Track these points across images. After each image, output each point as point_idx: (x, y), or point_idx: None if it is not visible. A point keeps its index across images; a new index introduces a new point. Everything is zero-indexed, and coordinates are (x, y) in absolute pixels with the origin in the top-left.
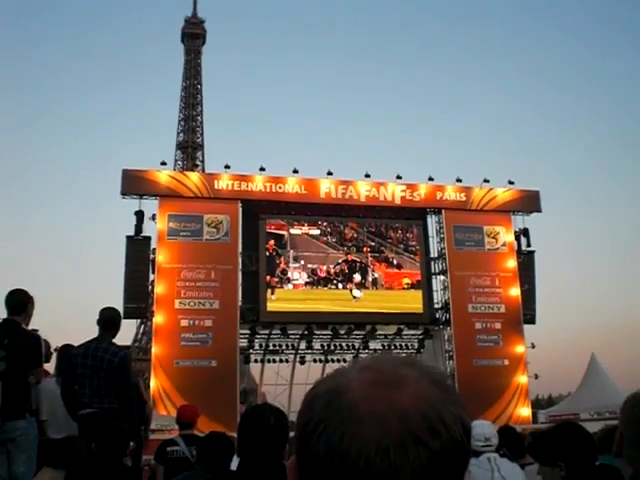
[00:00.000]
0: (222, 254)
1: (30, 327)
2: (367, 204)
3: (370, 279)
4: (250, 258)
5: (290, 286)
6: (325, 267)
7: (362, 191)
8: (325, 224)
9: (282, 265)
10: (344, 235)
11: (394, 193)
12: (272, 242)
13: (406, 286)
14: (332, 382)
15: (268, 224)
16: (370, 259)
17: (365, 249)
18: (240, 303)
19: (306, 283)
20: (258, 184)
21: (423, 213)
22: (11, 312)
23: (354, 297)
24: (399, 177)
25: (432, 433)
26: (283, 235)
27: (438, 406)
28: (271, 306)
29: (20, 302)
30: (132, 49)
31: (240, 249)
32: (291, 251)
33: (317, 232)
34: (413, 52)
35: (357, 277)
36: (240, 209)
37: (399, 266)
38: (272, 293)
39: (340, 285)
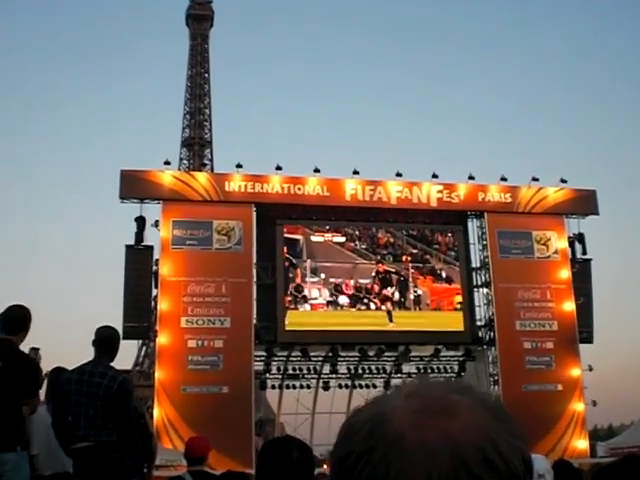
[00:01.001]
0: (234, 265)
1: (28, 345)
2: (398, 207)
3: (411, 297)
4: (266, 269)
5: (307, 307)
6: (353, 282)
7: (393, 192)
8: (352, 228)
9: (297, 279)
10: (377, 240)
11: (429, 194)
12: (284, 249)
13: (458, 306)
14: (373, 410)
15: (286, 230)
16: (411, 271)
17: (404, 258)
18: (255, 321)
19: (328, 303)
20: (274, 185)
21: (463, 217)
22: (7, 330)
23: (391, 321)
24: (435, 176)
25: (488, 466)
26: (298, 240)
27: (494, 437)
28: (290, 324)
29: (19, 320)
30: (129, 34)
31: (255, 259)
32: (308, 261)
33: (342, 240)
34: (445, 30)
35: (393, 293)
36: (254, 214)
37: (449, 280)
38: (284, 316)
39: (373, 305)
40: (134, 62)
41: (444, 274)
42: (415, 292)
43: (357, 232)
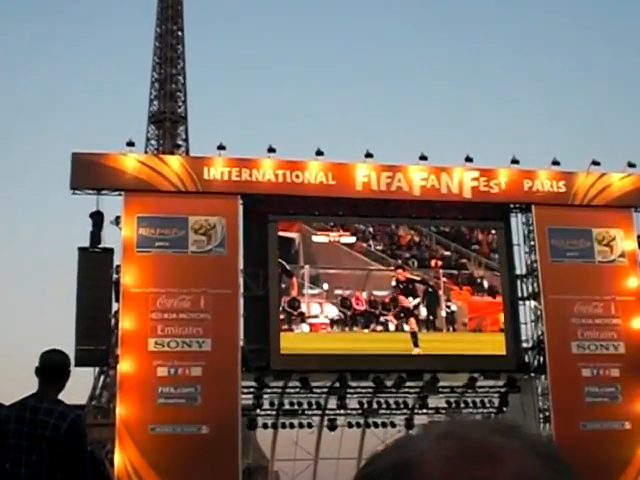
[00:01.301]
0: (216, 273)
1: None
2: (423, 199)
3: (443, 314)
4: (256, 278)
5: (304, 328)
6: (366, 294)
7: (416, 180)
8: (364, 225)
9: (292, 292)
10: (398, 239)
11: (462, 182)
12: (276, 253)
13: (504, 326)
14: (397, 455)
15: (281, 228)
16: (443, 280)
17: (434, 262)
18: (242, 343)
19: (333, 322)
20: (266, 172)
21: (504, 211)
22: None
23: (417, 346)
24: (469, 159)
25: None
26: (292, 240)
27: None
28: (287, 347)
29: None
30: None
31: (241, 265)
32: (306, 267)
33: (352, 240)
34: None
35: (419, 307)
36: (241, 208)
37: (493, 291)
38: (279, 336)
39: (392, 325)
40: (87, 16)
41: (486, 283)
42: (448, 308)
43: (371, 229)
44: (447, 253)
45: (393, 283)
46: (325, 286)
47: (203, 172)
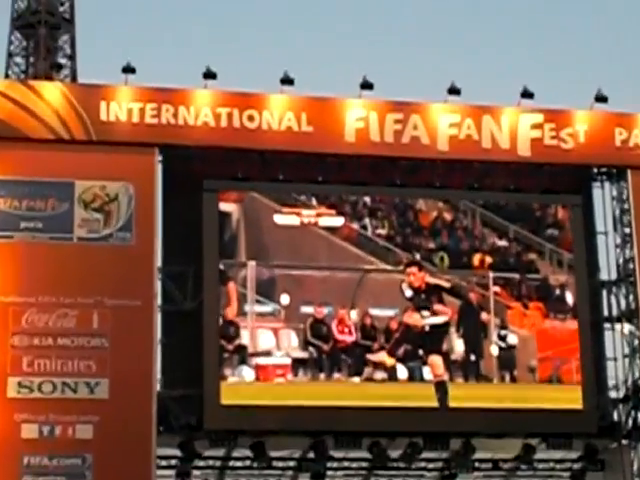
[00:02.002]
0: (118, 273)
1: None
2: (452, 157)
3: (494, 351)
4: (182, 281)
5: (247, 372)
6: (357, 314)
7: (441, 126)
8: (358, 196)
9: (228, 309)
10: (415, 217)
11: (516, 131)
12: (216, 240)
13: (581, 363)
14: None
15: (222, 199)
16: (495, 290)
17: (478, 259)
18: (159, 386)
19: (297, 364)
20: (201, 110)
21: (583, 178)
22: None
23: (442, 404)
24: (528, 95)
25: None
26: (227, 217)
27: None
28: (231, 393)
29: None
30: None
31: (159, 261)
32: (251, 266)
33: (338, 222)
34: None
35: (453, 342)
36: (160, 169)
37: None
38: (214, 379)
39: (402, 370)
40: None
41: (570, 298)
42: (503, 340)
43: (367, 200)
44: (502, 243)
45: (408, 293)
46: (284, 299)
47: (99, 110)
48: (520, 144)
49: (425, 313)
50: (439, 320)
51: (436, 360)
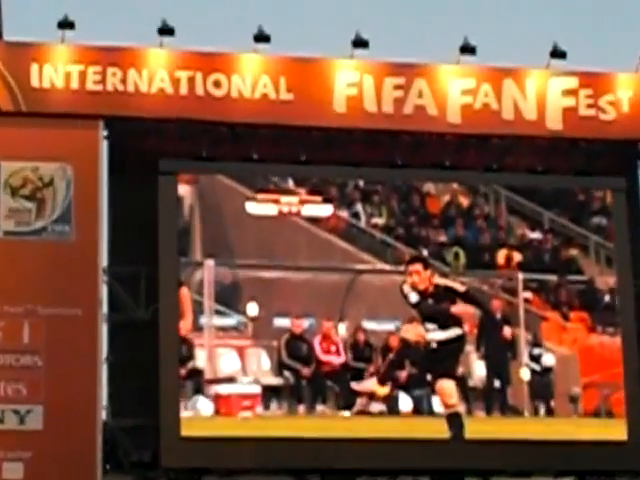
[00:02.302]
0: (54, 274)
1: None
2: (466, 131)
3: (525, 375)
4: (133, 285)
5: (204, 405)
6: (346, 328)
7: (452, 93)
8: (349, 179)
9: (182, 323)
10: (422, 203)
11: (544, 98)
12: (173, 233)
13: (625, 385)
14: None
15: (181, 181)
16: (525, 296)
17: (503, 256)
18: (105, 415)
19: (269, 393)
20: (155, 73)
21: (627, 156)
22: None
23: (458, 435)
24: (559, 54)
25: None
26: (180, 201)
27: None
28: (194, 423)
29: None
30: None
31: (105, 260)
32: (208, 265)
33: (326, 211)
34: None
35: (471, 364)
36: (105, 146)
37: None
38: (173, 406)
39: (404, 400)
40: None
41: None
42: (536, 360)
43: (361, 183)
44: (534, 235)
45: (413, 297)
46: (252, 309)
47: (29, 74)
48: (550, 115)
49: (430, 326)
50: (449, 334)
51: (447, 386)
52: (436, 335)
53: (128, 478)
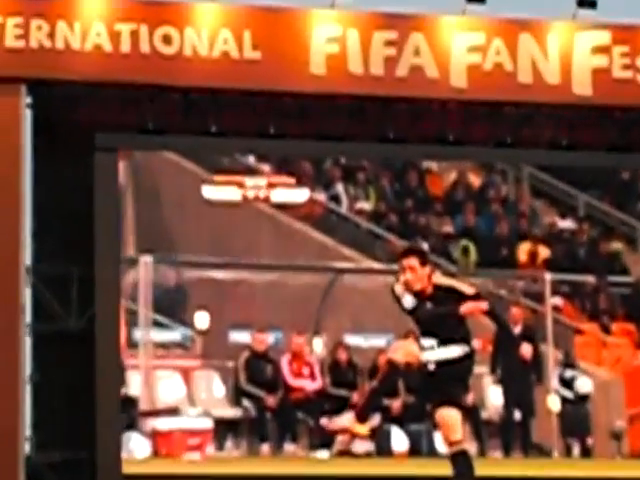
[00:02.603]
0: None
1: None
2: (474, 97)
3: (554, 404)
4: (64, 288)
5: (141, 445)
6: (323, 345)
7: (456, 51)
8: (329, 158)
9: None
10: (422, 183)
11: (568, 56)
12: (114, 223)
13: None
14: None
15: (122, 157)
16: (553, 302)
17: (526, 250)
18: (29, 448)
19: (222, 426)
20: (89, 28)
21: None
22: None
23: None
24: (587, 2)
25: None
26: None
27: None
28: (131, 463)
29: None
30: None
31: (28, 258)
32: (146, 262)
33: (301, 194)
34: None
35: (484, 390)
36: (28, 114)
37: None
38: (113, 434)
39: (399, 439)
40: None
41: None
42: (567, 385)
43: (343, 161)
44: (566, 224)
45: (407, 301)
46: (202, 320)
47: None
48: (576, 77)
49: (427, 342)
50: (452, 353)
51: (449, 416)
52: (434, 354)
53: None
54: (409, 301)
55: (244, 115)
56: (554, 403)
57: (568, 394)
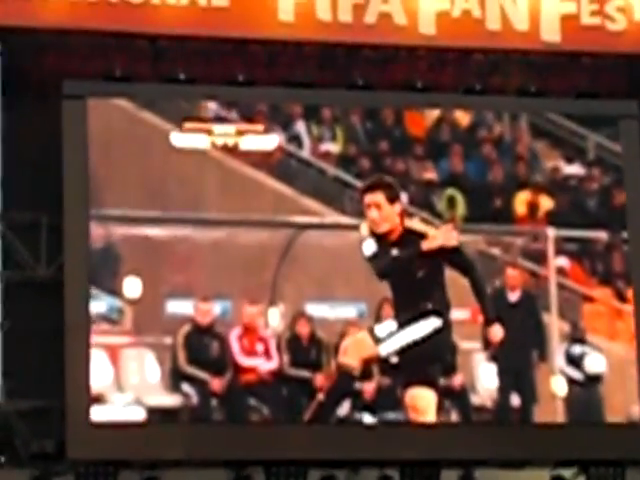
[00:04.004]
0: None
1: None
2: (442, 44)
3: (560, 388)
4: (33, 235)
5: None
6: (281, 316)
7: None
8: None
9: None
10: (399, 121)
11: (538, 3)
12: (83, 171)
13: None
14: None
15: (93, 107)
16: (558, 264)
17: (525, 203)
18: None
19: (158, 415)
20: None
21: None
22: None
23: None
24: None
25: None
26: None
27: None
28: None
29: None
30: None
31: None
32: None
33: (271, 141)
34: None
35: (474, 370)
36: None
37: None
38: (82, 382)
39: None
40: None
41: None
42: (576, 363)
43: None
44: (573, 170)
45: (366, 247)
46: (132, 287)
47: None
48: (545, 24)
49: (384, 330)
50: (416, 333)
51: (420, 396)
52: (394, 343)
53: (27, 473)
54: (369, 246)
55: (212, 62)
56: (560, 385)
57: (576, 374)
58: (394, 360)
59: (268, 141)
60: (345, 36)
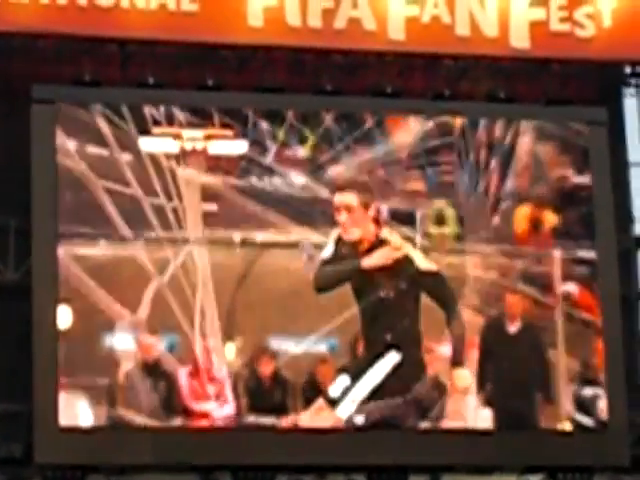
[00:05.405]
0: None
1: None
2: (411, 49)
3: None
4: (2, 239)
5: None
6: (237, 352)
7: (394, 4)
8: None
9: None
10: (380, 123)
11: (507, 9)
12: (50, 176)
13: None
14: None
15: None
16: (569, 288)
17: (526, 218)
18: None
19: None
20: None
21: (609, 82)
22: None
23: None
24: None
25: None
26: None
27: None
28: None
29: None
30: None
31: None
32: None
33: (240, 146)
34: None
35: (468, 412)
36: None
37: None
38: (50, 387)
39: None
40: None
41: None
42: (586, 407)
43: (290, 114)
44: (581, 179)
45: (325, 251)
46: (63, 319)
47: None
48: (514, 30)
49: (336, 390)
50: (374, 380)
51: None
52: (351, 402)
53: None
54: (327, 250)
55: (181, 67)
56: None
57: (587, 420)
58: (359, 421)
59: (238, 146)
60: (314, 41)
